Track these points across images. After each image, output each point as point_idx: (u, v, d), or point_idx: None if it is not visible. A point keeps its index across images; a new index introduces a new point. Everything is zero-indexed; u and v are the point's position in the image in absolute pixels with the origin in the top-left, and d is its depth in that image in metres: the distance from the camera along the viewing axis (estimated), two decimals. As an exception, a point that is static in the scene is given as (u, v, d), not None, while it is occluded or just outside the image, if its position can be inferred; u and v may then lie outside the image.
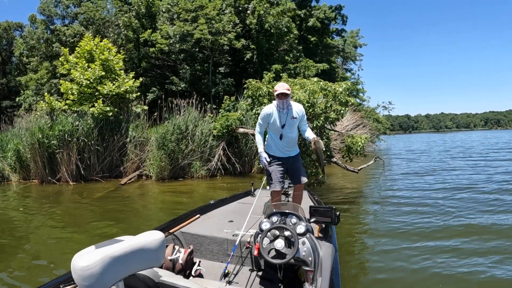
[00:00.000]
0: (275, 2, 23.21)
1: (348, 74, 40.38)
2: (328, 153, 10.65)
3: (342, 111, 9.73)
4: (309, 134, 4.67)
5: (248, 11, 21.72)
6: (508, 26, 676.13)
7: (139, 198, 11.34)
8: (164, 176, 14.52)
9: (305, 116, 4.79)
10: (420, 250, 5.58)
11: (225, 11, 21.14)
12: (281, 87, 4.50)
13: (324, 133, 10.32)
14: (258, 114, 9.56)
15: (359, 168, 11.70)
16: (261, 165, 14.13)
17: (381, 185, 11.93)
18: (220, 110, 16.67)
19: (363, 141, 10.12)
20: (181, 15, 20.82)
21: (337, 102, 9.74)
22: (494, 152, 25.35)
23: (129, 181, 14.07)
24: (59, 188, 13.54)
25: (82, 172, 14.55)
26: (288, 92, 4.47)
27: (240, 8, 22.17)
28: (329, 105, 9.46)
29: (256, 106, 10.46)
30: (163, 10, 22.35)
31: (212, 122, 15.82)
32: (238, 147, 15.86)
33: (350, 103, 10.53)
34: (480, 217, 7.57)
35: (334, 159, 11.40)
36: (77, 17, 26.30)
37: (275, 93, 4.53)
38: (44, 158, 14.37)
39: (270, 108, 4.67)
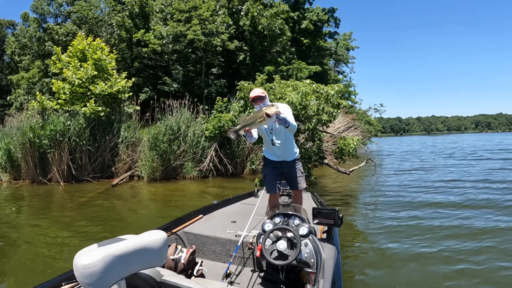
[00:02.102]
0: (268, 4, 23.25)
1: (340, 76, 40.49)
2: (321, 154, 10.70)
3: (334, 113, 9.79)
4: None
5: (242, 13, 21.71)
6: (500, 31, 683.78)
7: (131, 199, 11.31)
8: (156, 177, 14.50)
9: (291, 112, 4.41)
10: (419, 248, 5.72)
11: (218, 12, 21.11)
12: (255, 91, 4.42)
13: (316, 135, 10.36)
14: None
15: (351, 169, 11.80)
16: (253, 167, 14.16)
17: (373, 186, 12.02)
18: (212, 111, 16.66)
19: (355, 143, 10.20)
20: (174, 16, 20.75)
21: (330, 104, 9.81)
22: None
23: (121, 182, 14.03)
24: (50, 188, 13.46)
25: (74, 172, 14.49)
26: (263, 94, 4.38)
27: (234, 10, 22.16)
28: (321, 107, 9.51)
29: (248, 108, 10.49)
30: (157, 10, 22.26)
31: (204, 123, 15.81)
32: (230, 149, 15.85)
33: (342, 106, 10.61)
34: (476, 215, 7.82)
35: (326, 161, 11.47)
36: (70, 15, 26.17)
37: (251, 100, 4.46)
38: (35, 158, 14.29)
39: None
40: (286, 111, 4.29)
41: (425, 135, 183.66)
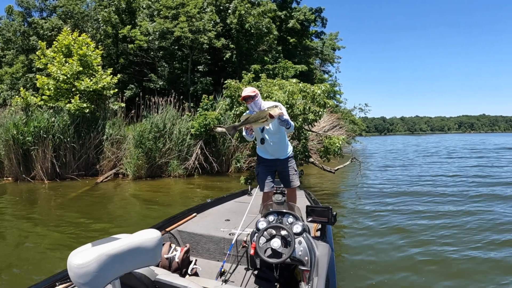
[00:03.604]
0: (256, 2, 23.26)
1: (326, 76, 40.70)
2: (306, 153, 10.78)
3: (320, 113, 9.86)
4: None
5: (229, 11, 21.66)
6: (484, 34, 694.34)
7: (116, 197, 11.25)
8: (141, 175, 14.43)
9: (284, 110, 4.34)
10: (409, 243, 5.89)
11: (206, 10, 21.03)
12: (245, 91, 4.39)
13: (302, 134, 10.44)
14: (237, 114, 9.67)
15: (336, 168, 11.90)
16: (238, 165, 14.13)
17: (358, 184, 12.19)
18: (198, 109, 16.61)
19: (340, 142, 10.29)
20: (161, 12, 20.65)
21: (316, 104, 9.88)
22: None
23: (106, 180, 13.94)
24: (34, 186, 13.31)
25: (58, 170, 14.32)
26: (254, 93, 4.35)
27: (221, 7, 22.09)
28: (307, 107, 9.58)
29: (235, 107, 10.50)
30: (144, 6, 22.12)
31: (190, 121, 15.76)
32: (215, 147, 15.85)
33: (328, 105, 10.70)
34: (456, 207, 8.30)
35: (312, 160, 11.54)
36: (55, 10, 25.79)
37: (242, 99, 4.45)
38: (19, 155, 14.06)
39: (245, 115, 4.46)
40: (285, 112, 4.32)
41: (409, 135, 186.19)
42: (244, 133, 4.26)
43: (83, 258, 1.53)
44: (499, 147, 33.39)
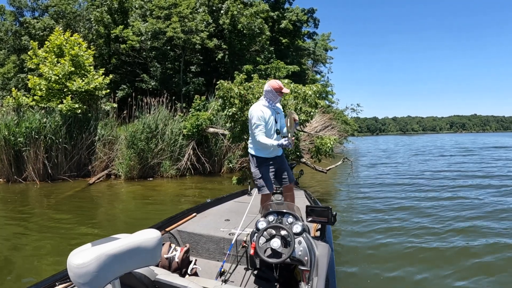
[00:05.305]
0: (248, 3, 23.28)
1: (318, 76, 40.73)
2: (298, 153, 10.82)
3: (312, 113, 9.90)
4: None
5: (222, 11, 21.68)
6: (478, 37, 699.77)
7: (108, 198, 11.24)
8: (133, 176, 14.42)
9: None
10: (408, 241, 5.93)
11: (198, 10, 21.04)
12: (285, 89, 4.50)
13: (294, 134, 10.47)
14: (230, 115, 9.68)
15: (328, 168, 11.94)
16: (230, 165, 14.11)
17: (350, 183, 12.31)
18: (190, 110, 16.61)
19: (332, 142, 10.34)
20: (154, 12, 20.61)
21: (307, 104, 9.91)
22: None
23: (98, 181, 13.90)
24: (25, 187, 13.27)
25: (50, 171, 14.28)
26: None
27: (214, 8, 22.10)
28: (299, 107, 9.61)
29: (227, 107, 10.51)
30: (136, 6, 22.05)
31: (182, 121, 15.76)
32: (208, 147, 15.86)
33: (320, 105, 10.74)
34: (449, 209, 8.23)
35: (303, 160, 11.58)
36: (47, 9, 25.63)
37: (277, 90, 4.46)
38: (10, 156, 14.00)
39: (264, 107, 4.50)
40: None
41: (401, 135, 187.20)
42: (285, 142, 4.33)
43: (83, 258, 1.54)
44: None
